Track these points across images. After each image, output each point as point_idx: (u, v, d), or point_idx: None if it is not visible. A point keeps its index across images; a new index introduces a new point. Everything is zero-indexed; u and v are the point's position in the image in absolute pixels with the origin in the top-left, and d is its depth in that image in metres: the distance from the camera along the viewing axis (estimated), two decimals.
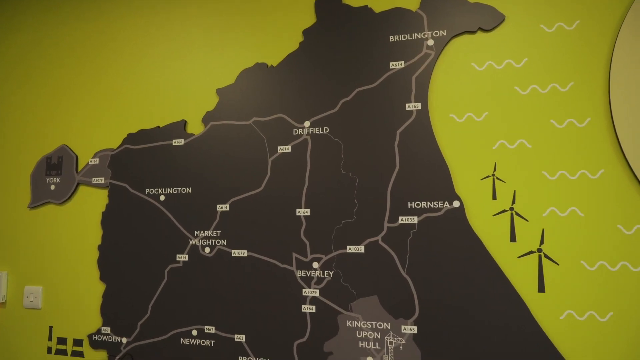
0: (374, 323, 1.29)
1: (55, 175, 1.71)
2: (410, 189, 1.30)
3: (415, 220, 1.29)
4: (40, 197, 1.73)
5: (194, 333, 1.46)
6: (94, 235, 1.64)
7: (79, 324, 1.62)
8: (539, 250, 1.19)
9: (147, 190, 1.57)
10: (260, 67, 1.50)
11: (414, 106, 1.33)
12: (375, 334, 1.29)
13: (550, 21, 1.25)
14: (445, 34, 1.32)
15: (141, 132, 1.61)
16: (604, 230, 1.15)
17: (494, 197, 1.24)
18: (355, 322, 1.31)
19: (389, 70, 1.36)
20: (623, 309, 1.12)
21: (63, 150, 1.71)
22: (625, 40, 1.17)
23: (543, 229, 1.19)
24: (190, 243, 1.50)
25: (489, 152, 1.26)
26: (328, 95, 1.41)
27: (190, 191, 1.52)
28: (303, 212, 1.39)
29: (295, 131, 1.43)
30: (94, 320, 1.61)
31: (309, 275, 1.37)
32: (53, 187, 1.71)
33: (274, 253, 1.41)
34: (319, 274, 1.36)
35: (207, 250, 1.48)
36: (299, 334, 1.35)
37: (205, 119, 1.54)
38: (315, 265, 1.36)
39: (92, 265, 1.63)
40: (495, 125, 1.26)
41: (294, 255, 1.39)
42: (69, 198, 1.69)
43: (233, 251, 1.45)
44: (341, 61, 1.41)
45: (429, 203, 1.28)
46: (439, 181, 1.28)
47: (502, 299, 1.19)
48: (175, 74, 1.61)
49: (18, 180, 1.78)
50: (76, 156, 1.70)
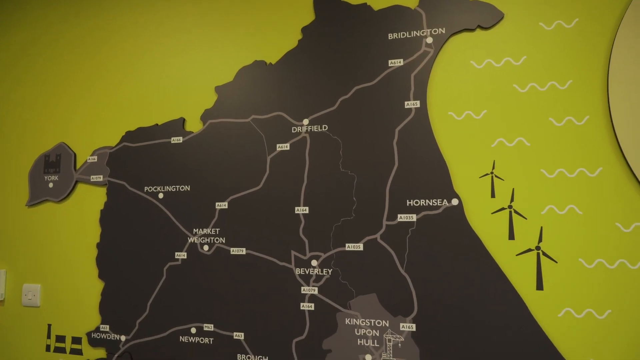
0: (372, 321, 1.29)
1: (54, 173, 1.71)
2: (409, 186, 1.30)
3: (414, 218, 1.29)
4: (38, 195, 1.72)
5: (193, 331, 1.46)
6: (93, 233, 1.64)
7: (78, 322, 1.62)
8: (538, 248, 1.19)
9: (146, 188, 1.57)
10: (259, 65, 1.49)
11: (412, 104, 1.32)
12: (374, 331, 1.29)
13: (549, 19, 1.25)
14: (444, 32, 1.32)
15: (140, 130, 1.61)
16: (603, 228, 1.15)
17: (493, 195, 1.24)
18: (354, 320, 1.31)
19: (387, 68, 1.36)
20: (621, 307, 1.12)
21: (61, 148, 1.71)
22: (624, 38, 1.17)
23: (541, 227, 1.19)
24: (189, 241, 1.50)
25: (487, 150, 1.26)
26: (327, 93, 1.41)
27: (188, 189, 1.52)
28: (302, 210, 1.39)
29: (294, 129, 1.43)
30: (92, 318, 1.61)
31: (307, 273, 1.37)
32: (51, 185, 1.70)
33: (273, 251, 1.41)
34: (318, 271, 1.36)
35: (206, 248, 1.48)
36: (298, 332, 1.35)
37: (204, 117, 1.54)
38: (314, 263, 1.36)
39: (91, 263, 1.63)
40: (494, 123, 1.26)
41: (293, 253, 1.39)
42: (68, 196, 1.69)
43: (232, 249, 1.45)
44: (340, 59, 1.41)
45: (427, 201, 1.28)
46: (438, 179, 1.28)
47: (501, 297, 1.19)
48: (174, 72, 1.61)
49: (16, 178, 1.78)
50: (74, 154, 1.69)
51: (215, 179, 1.49)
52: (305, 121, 1.42)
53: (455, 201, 1.26)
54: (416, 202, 1.29)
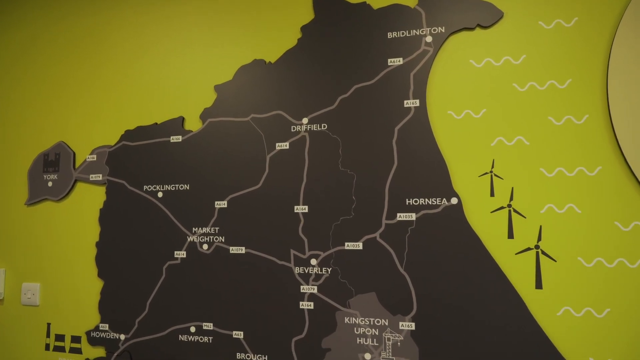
0: (371, 319, 1.29)
1: (53, 172, 1.71)
2: (408, 185, 1.30)
3: (413, 217, 1.29)
4: (37, 194, 1.72)
5: (192, 330, 1.46)
6: (92, 232, 1.64)
7: (77, 321, 1.62)
8: (537, 247, 1.19)
9: (145, 187, 1.57)
10: (258, 64, 1.49)
11: (412, 103, 1.32)
12: (373, 330, 1.29)
13: (548, 18, 1.24)
14: (443, 31, 1.32)
15: (139, 129, 1.61)
16: (602, 227, 1.15)
17: (492, 194, 1.24)
18: (353, 319, 1.31)
19: (387, 67, 1.36)
20: (620, 306, 1.12)
21: (60, 147, 1.71)
22: (623, 37, 1.17)
23: (541, 226, 1.20)
24: (188, 240, 1.50)
25: (487, 149, 1.26)
26: (326, 92, 1.41)
27: (188, 188, 1.52)
28: (301, 209, 1.39)
29: (294, 128, 1.43)
30: (92, 317, 1.61)
31: (307, 272, 1.37)
32: (50, 184, 1.70)
33: (272, 250, 1.41)
34: (317, 270, 1.36)
35: (205, 247, 1.48)
36: (297, 331, 1.35)
37: (203, 116, 1.53)
38: (313, 262, 1.36)
39: (90, 262, 1.63)
40: (494, 122, 1.26)
41: (292, 252, 1.39)
42: (67, 195, 1.69)
43: (231, 248, 1.45)
44: (339, 58, 1.41)
45: (427, 200, 1.28)
46: (437, 178, 1.28)
47: (500, 296, 1.19)
48: (173, 71, 1.61)
49: (15, 177, 1.78)
50: (73, 153, 1.69)
51: (215, 178, 1.49)
52: (305, 120, 1.42)
53: (454, 200, 1.26)
54: (415, 201, 1.29)
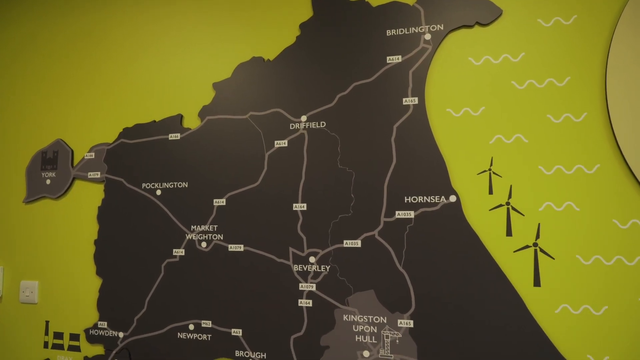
0: (370, 317, 1.30)
1: (51, 169, 1.70)
2: (407, 183, 1.30)
3: (411, 214, 1.29)
4: (35, 192, 1.72)
5: (191, 327, 1.46)
6: (90, 230, 1.64)
7: (76, 319, 1.62)
8: (535, 244, 1.20)
9: (144, 184, 1.57)
10: (257, 61, 1.49)
11: (410, 101, 1.32)
12: (371, 328, 1.29)
13: (547, 16, 1.24)
14: (442, 28, 1.31)
15: (137, 127, 1.61)
16: (600, 224, 1.16)
17: (490, 192, 1.24)
18: (351, 316, 1.31)
19: (386, 65, 1.35)
20: (618, 303, 1.13)
21: (58, 144, 1.71)
22: (622, 35, 1.17)
23: (539, 224, 1.20)
24: (187, 238, 1.50)
25: (485, 147, 1.26)
26: (325, 89, 1.41)
27: (186, 186, 1.52)
28: (300, 207, 1.39)
29: (292, 125, 1.43)
30: (90, 314, 1.61)
31: (305, 269, 1.37)
32: (49, 182, 1.70)
33: (271, 248, 1.41)
34: (316, 268, 1.36)
35: (204, 245, 1.48)
36: (296, 328, 1.36)
37: (202, 113, 1.53)
38: (312, 259, 1.36)
39: (89, 260, 1.63)
40: (492, 119, 1.26)
41: (291, 249, 1.39)
42: (65, 193, 1.68)
43: (230, 246, 1.45)
44: (338, 55, 1.41)
45: (425, 197, 1.28)
46: (436, 176, 1.28)
47: (498, 294, 1.20)
48: (171, 68, 1.60)
49: (13, 174, 1.77)
50: (72, 150, 1.69)
51: (213, 176, 1.49)
52: (303, 118, 1.42)
53: (453, 198, 1.26)
54: (414, 199, 1.29)
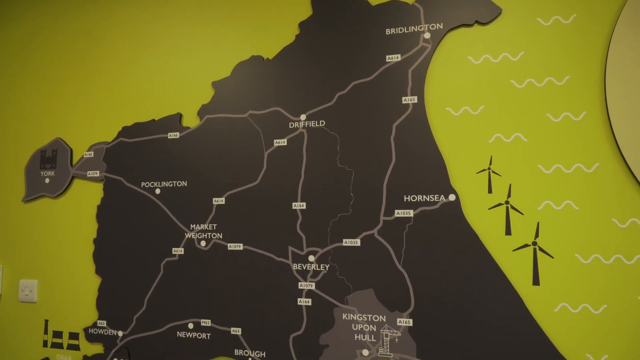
0: (369, 316, 1.30)
1: (50, 168, 1.70)
2: (406, 182, 1.30)
3: (411, 213, 1.29)
4: (34, 191, 1.72)
5: (190, 326, 1.46)
6: (89, 228, 1.64)
7: (75, 318, 1.62)
8: (534, 243, 1.20)
9: (143, 183, 1.57)
10: (256, 60, 1.49)
11: (410, 99, 1.32)
12: (371, 326, 1.29)
13: (546, 14, 1.24)
14: (441, 27, 1.31)
15: (136, 125, 1.60)
16: (599, 223, 1.16)
17: (490, 191, 1.24)
18: (351, 315, 1.31)
19: (385, 64, 1.35)
20: (616, 302, 1.13)
21: (57, 143, 1.70)
22: (621, 34, 1.17)
23: (538, 223, 1.20)
24: (186, 236, 1.50)
25: (485, 146, 1.26)
26: (324, 88, 1.40)
27: (185, 184, 1.52)
28: (299, 206, 1.39)
29: (291, 124, 1.43)
30: (89, 313, 1.61)
31: (305, 268, 1.37)
32: (48, 181, 1.70)
33: (270, 247, 1.41)
34: (315, 267, 1.36)
35: (203, 243, 1.48)
36: (295, 327, 1.36)
37: (201, 112, 1.53)
38: (311, 258, 1.36)
39: (88, 259, 1.63)
40: (492, 118, 1.26)
41: (290, 248, 1.39)
42: (64, 191, 1.68)
43: (229, 245, 1.45)
44: (337, 54, 1.40)
45: (424, 196, 1.28)
46: (435, 175, 1.28)
47: (497, 293, 1.20)
48: (171, 67, 1.60)
49: (12, 173, 1.77)
50: (71, 149, 1.69)
51: (213, 175, 1.49)
52: (303, 116, 1.42)
53: (452, 197, 1.26)
54: (413, 198, 1.29)
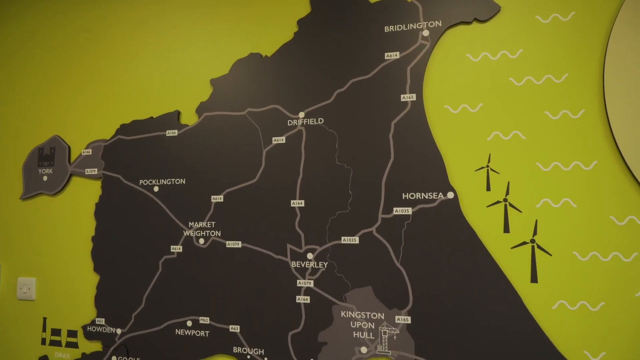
0: (368, 313, 1.30)
1: (48, 166, 1.70)
2: (405, 180, 1.30)
3: (409, 211, 1.29)
4: (32, 188, 1.71)
5: (189, 324, 1.46)
6: (88, 226, 1.63)
7: (73, 315, 1.62)
8: (532, 241, 1.20)
9: (141, 181, 1.57)
10: (255, 58, 1.49)
11: (408, 97, 1.32)
12: (369, 324, 1.29)
13: (545, 12, 1.24)
14: (440, 25, 1.31)
15: (134, 123, 1.60)
16: (597, 221, 1.16)
17: (488, 189, 1.24)
18: (349, 313, 1.31)
19: (384, 61, 1.35)
20: (614, 299, 1.13)
21: (55, 141, 1.70)
22: (620, 32, 1.17)
23: (536, 220, 1.20)
24: (185, 234, 1.50)
25: (483, 144, 1.26)
26: (323, 86, 1.40)
27: (184, 182, 1.52)
28: (297, 203, 1.39)
29: (290, 122, 1.43)
30: (88, 311, 1.60)
31: (303, 266, 1.37)
32: (45, 178, 1.69)
33: (269, 244, 1.41)
34: (314, 264, 1.36)
35: (202, 241, 1.48)
36: (294, 325, 1.36)
37: (199, 110, 1.53)
38: (309, 256, 1.36)
39: (86, 257, 1.62)
40: (490, 116, 1.26)
41: (289, 246, 1.39)
42: (62, 189, 1.68)
43: (227, 242, 1.45)
44: (336, 52, 1.40)
45: (423, 194, 1.28)
46: (434, 172, 1.28)
47: (495, 290, 1.20)
48: (169, 64, 1.60)
49: (10, 171, 1.77)
50: (69, 147, 1.68)
51: (211, 172, 1.49)
52: (301, 114, 1.42)
53: (450, 194, 1.26)
54: (412, 196, 1.29)
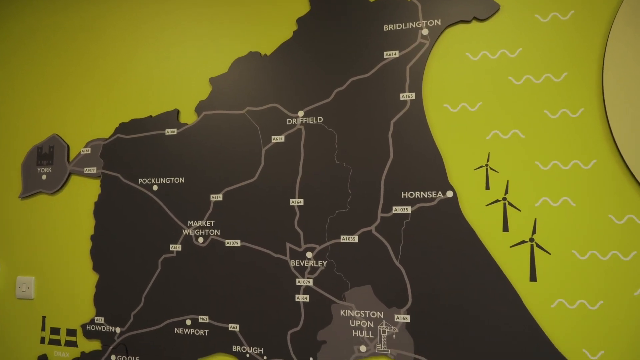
0: (367, 312, 1.30)
1: (47, 165, 1.69)
2: (404, 179, 1.30)
3: (408, 210, 1.29)
4: (31, 187, 1.71)
5: (188, 323, 1.46)
6: (87, 225, 1.63)
7: (72, 314, 1.62)
8: (531, 239, 1.20)
9: (140, 180, 1.56)
10: (254, 56, 1.48)
11: (408, 96, 1.32)
12: (368, 323, 1.30)
13: (544, 11, 1.24)
14: (440, 24, 1.31)
15: (134, 122, 1.60)
16: (596, 220, 1.16)
17: (487, 187, 1.24)
18: (348, 312, 1.31)
19: (383, 60, 1.35)
20: (613, 298, 1.13)
21: (54, 139, 1.70)
22: (619, 30, 1.17)
23: (535, 219, 1.20)
24: (184, 233, 1.50)
25: (482, 142, 1.26)
26: (322, 84, 1.40)
27: (183, 181, 1.51)
28: (297, 202, 1.39)
29: (289, 121, 1.42)
30: (87, 310, 1.60)
31: (302, 265, 1.37)
32: (44, 177, 1.69)
33: (268, 243, 1.41)
34: (313, 263, 1.36)
35: (201, 240, 1.48)
36: (293, 324, 1.36)
37: (199, 109, 1.53)
38: (309, 255, 1.37)
39: (85, 256, 1.62)
40: (489, 115, 1.26)
41: (288, 245, 1.39)
42: (61, 188, 1.68)
43: (227, 241, 1.45)
44: (335, 50, 1.40)
45: (422, 193, 1.28)
46: (433, 171, 1.28)
47: (494, 288, 1.20)
48: (168, 63, 1.60)
49: (9, 170, 1.77)
50: (67, 146, 1.68)
51: (210, 171, 1.49)
52: (300, 113, 1.42)
53: (450, 193, 1.26)
54: (411, 194, 1.29)
